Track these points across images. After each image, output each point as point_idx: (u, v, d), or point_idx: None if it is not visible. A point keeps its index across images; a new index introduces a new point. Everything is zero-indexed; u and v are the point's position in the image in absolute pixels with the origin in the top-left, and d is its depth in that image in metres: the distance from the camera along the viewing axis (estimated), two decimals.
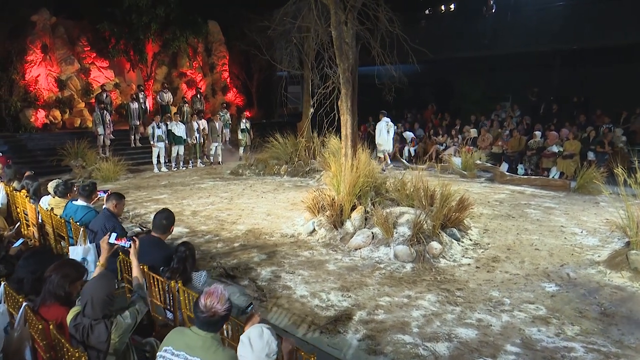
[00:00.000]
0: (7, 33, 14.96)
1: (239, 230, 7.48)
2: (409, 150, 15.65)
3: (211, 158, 15.53)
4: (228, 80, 21.96)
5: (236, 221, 8.06)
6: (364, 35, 7.31)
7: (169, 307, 3.40)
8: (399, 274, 5.58)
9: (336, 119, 7.65)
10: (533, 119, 15.54)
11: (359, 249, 6.34)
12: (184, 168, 14.52)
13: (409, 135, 15.85)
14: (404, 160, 14.43)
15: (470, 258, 6.12)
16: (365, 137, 17.78)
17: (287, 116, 20.34)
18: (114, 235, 3.39)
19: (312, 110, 12.21)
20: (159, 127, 13.74)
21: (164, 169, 14.07)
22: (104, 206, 4.75)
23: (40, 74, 16.01)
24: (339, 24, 6.61)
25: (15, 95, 15.15)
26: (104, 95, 15.84)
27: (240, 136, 16.20)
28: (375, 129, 17.66)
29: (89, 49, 17.27)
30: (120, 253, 3.89)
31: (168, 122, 14.12)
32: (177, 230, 7.57)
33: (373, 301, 4.85)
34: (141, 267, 3.30)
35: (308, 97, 13.24)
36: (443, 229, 6.55)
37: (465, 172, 12.43)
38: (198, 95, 18.29)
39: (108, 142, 14.70)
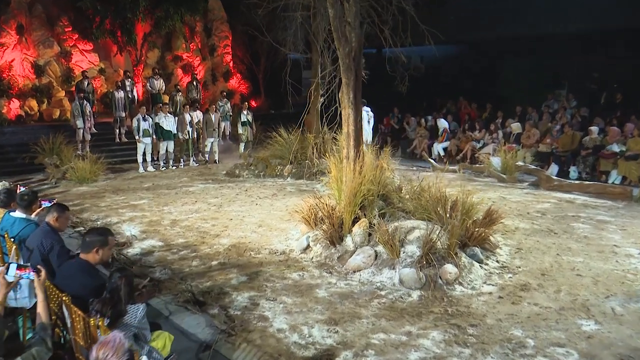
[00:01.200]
0: None
1: (221, 245, 7.35)
2: (439, 148, 15.30)
3: (206, 156, 15.52)
4: (231, 64, 22.01)
5: (220, 233, 7.94)
6: (370, 13, 7.06)
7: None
8: (401, 304, 5.33)
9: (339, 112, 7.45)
10: (591, 111, 14.97)
11: (358, 271, 6.12)
12: (174, 167, 14.54)
13: (443, 124, 15.47)
14: (432, 160, 14.08)
15: (493, 285, 5.81)
16: (389, 132, 17.54)
17: (293, 107, 20.21)
18: (12, 266, 3.23)
19: (321, 100, 12.06)
20: (145, 120, 13.77)
21: (150, 168, 14.10)
22: (44, 219, 4.66)
23: (14, 58, 16.32)
24: (337, 1, 6.39)
25: None
26: (85, 83, 16.01)
27: (240, 130, 16.16)
28: (401, 122, 17.41)
29: (70, 29, 17.53)
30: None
31: (156, 114, 14.14)
32: (149, 243, 7.51)
33: (364, 338, 4.63)
34: (62, 298, 3.16)
35: (317, 85, 13.04)
36: (462, 248, 6.27)
37: (504, 176, 12.03)
38: (194, 83, 18.33)
39: (88, 137, 14.82)
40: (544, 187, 11.19)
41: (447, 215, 6.63)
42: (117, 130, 16.19)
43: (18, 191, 5.70)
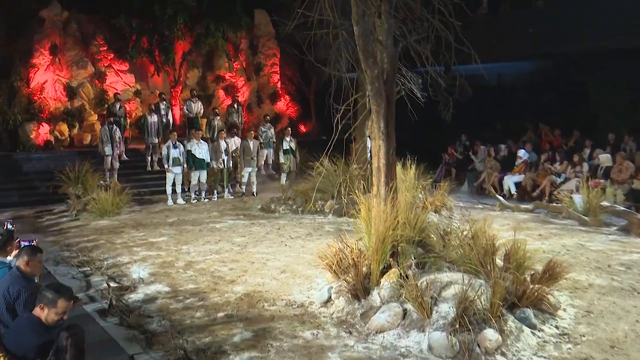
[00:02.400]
0: (9, 31, 16.46)
1: (233, 294, 7.31)
2: (510, 182, 14.73)
3: (243, 188, 15.73)
4: (279, 84, 22.44)
5: (237, 279, 7.92)
6: (406, 29, 6.93)
7: None
8: None
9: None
10: None
11: (382, 332, 5.86)
12: (206, 200, 14.82)
13: (524, 155, 14.93)
14: (500, 197, 13.55)
15: (545, 358, 5.38)
16: (454, 162, 17.17)
17: (342, 133, 20.25)
18: None
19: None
20: (175, 147, 14.20)
21: (180, 200, 14.44)
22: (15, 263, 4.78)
23: (47, 80, 17.42)
24: (363, 17, 6.33)
25: (17, 106, 16.54)
26: (117, 106, 16.79)
27: (282, 159, 16.32)
28: (469, 150, 16.99)
29: (105, 49, 18.57)
30: None
31: (189, 141, 14.54)
32: (155, 288, 7.59)
33: None
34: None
35: (364, 108, 13.01)
36: (511, 309, 5.88)
37: (586, 218, 11.37)
38: (235, 105, 18.77)
39: (117, 165, 15.47)
40: (635, 234, 10.43)
41: (494, 267, 6.27)
42: (149, 158, 16.79)
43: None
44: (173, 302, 7.08)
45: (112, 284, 7.62)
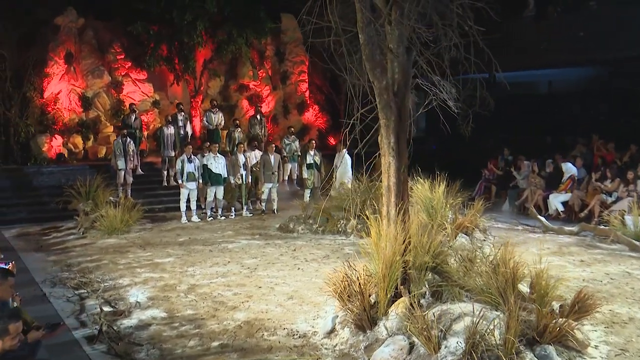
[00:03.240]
0: (23, 39, 17.05)
1: (233, 321, 7.32)
2: (556, 202, 14.38)
3: (263, 205, 15.80)
4: (307, 94, 22.55)
5: (239, 305, 7.94)
6: (421, 35, 6.88)
7: None
8: None
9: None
10: None
11: None
12: (223, 218, 14.94)
13: (570, 169, 14.57)
14: (542, 218, 13.25)
15: None
16: (494, 179, 16.92)
17: (370, 146, 20.20)
18: None
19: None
20: (190, 161, 14.37)
21: (195, 218, 14.58)
22: None
23: (61, 90, 17.96)
24: (369, 24, 6.31)
25: (30, 117, 17.10)
26: (132, 117, 17.16)
27: (305, 174, 16.35)
28: (512, 165, 16.70)
29: (122, 57, 19.03)
30: None
31: (204, 154, 14.72)
32: (150, 313, 7.67)
33: None
34: None
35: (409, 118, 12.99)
36: (531, 345, 5.71)
37: (637, 243, 11.00)
38: (257, 116, 18.91)
39: (130, 180, 15.78)
40: None
41: (514, 298, 6.10)
42: (165, 172, 17.05)
43: None
44: (167, 329, 7.13)
45: (106, 308, 7.74)
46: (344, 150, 14.47)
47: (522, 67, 20.03)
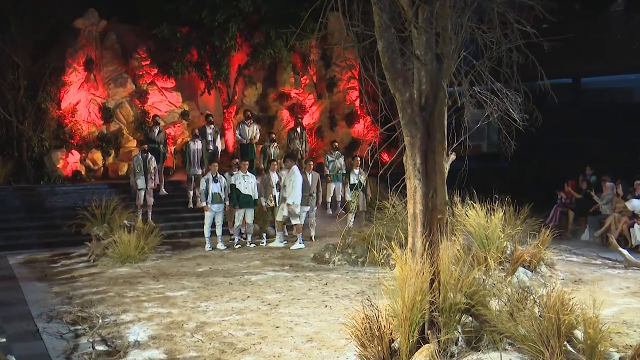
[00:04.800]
0: (38, 45, 17.81)
1: None
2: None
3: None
4: (357, 103, 22.65)
5: (249, 348, 7.99)
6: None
7: None
8: None
9: None
10: None
11: None
12: (252, 246, 15.06)
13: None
14: (625, 251, 12.84)
15: None
16: (572, 203, 16.57)
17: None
18: None
19: (451, 156, 11.93)
20: (215, 181, 14.61)
21: (220, 245, 14.72)
22: None
23: (80, 100, 18.66)
24: (387, 28, 6.34)
25: (45, 130, 17.80)
26: (156, 131, 17.58)
27: (348, 196, 16.35)
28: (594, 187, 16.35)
29: (148, 63, 19.63)
30: None
31: (232, 173, 14.93)
32: (148, 354, 7.82)
33: None
34: None
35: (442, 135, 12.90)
36: None
37: None
38: (297, 129, 19.06)
39: (151, 201, 16.17)
40: None
41: (559, 348, 5.98)
42: (191, 192, 17.36)
43: None
44: None
45: (101, 347, 7.95)
46: (294, 166, 14.84)
47: (611, 70, 19.64)
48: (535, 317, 6.39)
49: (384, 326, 6.68)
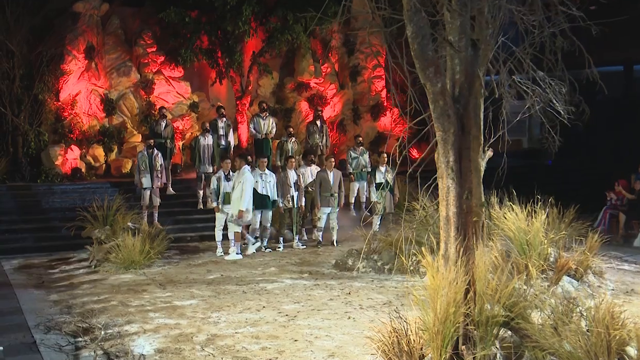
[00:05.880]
0: (35, 31, 17.95)
1: None
2: None
3: (319, 234, 15.89)
4: (383, 94, 22.62)
5: None
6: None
7: None
8: None
9: None
10: None
11: None
12: (268, 250, 15.10)
13: None
14: None
15: None
16: (623, 204, 16.48)
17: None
18: None
19: (488, 152, 11.92)
20: (228, 179, 14.65)
21: (233, 251, 14.74)
22: None
23: (80, 91, 18.84)
24: (417, 11, 6.34)
25: (42, 124, 17.96)
26: (162, 125, 17.68)
27: (373, 197, 16.34)
28: None
29: (154, 50, 19.76)
30: None
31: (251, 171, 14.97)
32: None
33: None
34: None
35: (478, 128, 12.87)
36: None
37: None
38: (317, 123, 19.07)
39: (158, 201, 16.25)
40: None
41: None
42: (201, 192, 17.42)
43: None
44: None
45: None
46: (245, 166, 14.58)
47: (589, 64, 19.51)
48: (582, 332, 6.38)
49: (414, 340, 6.69)
